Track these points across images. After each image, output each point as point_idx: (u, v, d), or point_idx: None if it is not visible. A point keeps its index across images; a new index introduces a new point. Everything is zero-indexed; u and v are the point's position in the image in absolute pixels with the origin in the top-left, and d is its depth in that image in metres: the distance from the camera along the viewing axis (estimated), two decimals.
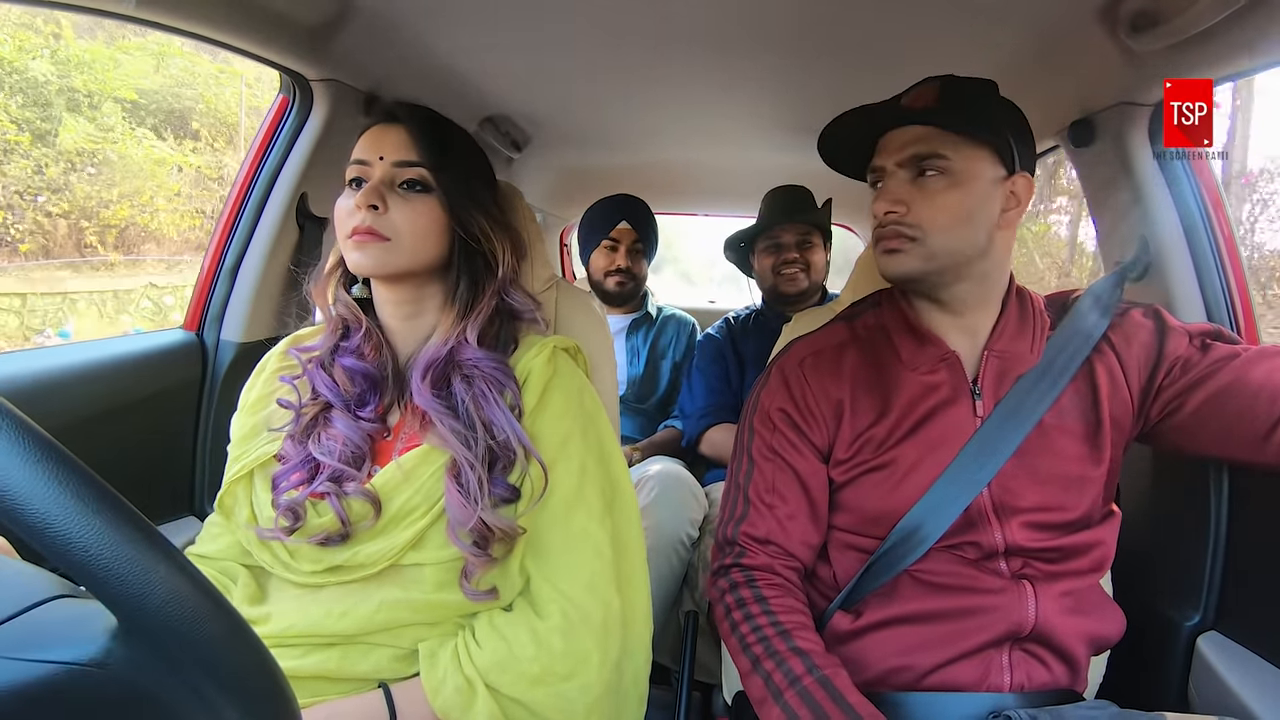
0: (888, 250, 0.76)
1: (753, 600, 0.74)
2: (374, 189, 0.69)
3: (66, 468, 0.30)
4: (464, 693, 0.62)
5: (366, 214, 0.68)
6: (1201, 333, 0.77)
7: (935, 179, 0.74)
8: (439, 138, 0.73)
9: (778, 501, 0.79)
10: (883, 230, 0.77)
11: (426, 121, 0.74)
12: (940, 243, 0.74)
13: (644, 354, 1.80)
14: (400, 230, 0.69)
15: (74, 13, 0.79)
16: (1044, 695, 0.73)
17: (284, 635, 0.65)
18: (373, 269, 0.70)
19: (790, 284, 1.63)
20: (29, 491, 0.28)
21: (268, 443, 0.72)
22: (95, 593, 0.30)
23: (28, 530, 0.28)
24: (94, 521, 0.29)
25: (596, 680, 0.65)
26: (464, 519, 0.64)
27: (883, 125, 0.78)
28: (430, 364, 0.70)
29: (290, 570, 0.67)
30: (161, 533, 0.32)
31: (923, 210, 0.74)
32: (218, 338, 1.14)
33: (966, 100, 0.76)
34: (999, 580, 0.73)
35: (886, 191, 0.76)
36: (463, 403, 0.68)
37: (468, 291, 0.73)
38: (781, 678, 0.67)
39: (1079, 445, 0.75)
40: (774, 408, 0.82)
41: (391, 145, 0.71)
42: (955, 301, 0.78)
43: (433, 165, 0.71)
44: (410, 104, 0.76)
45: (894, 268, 0.76)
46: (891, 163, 0.76)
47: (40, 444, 0.30)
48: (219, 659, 0.31)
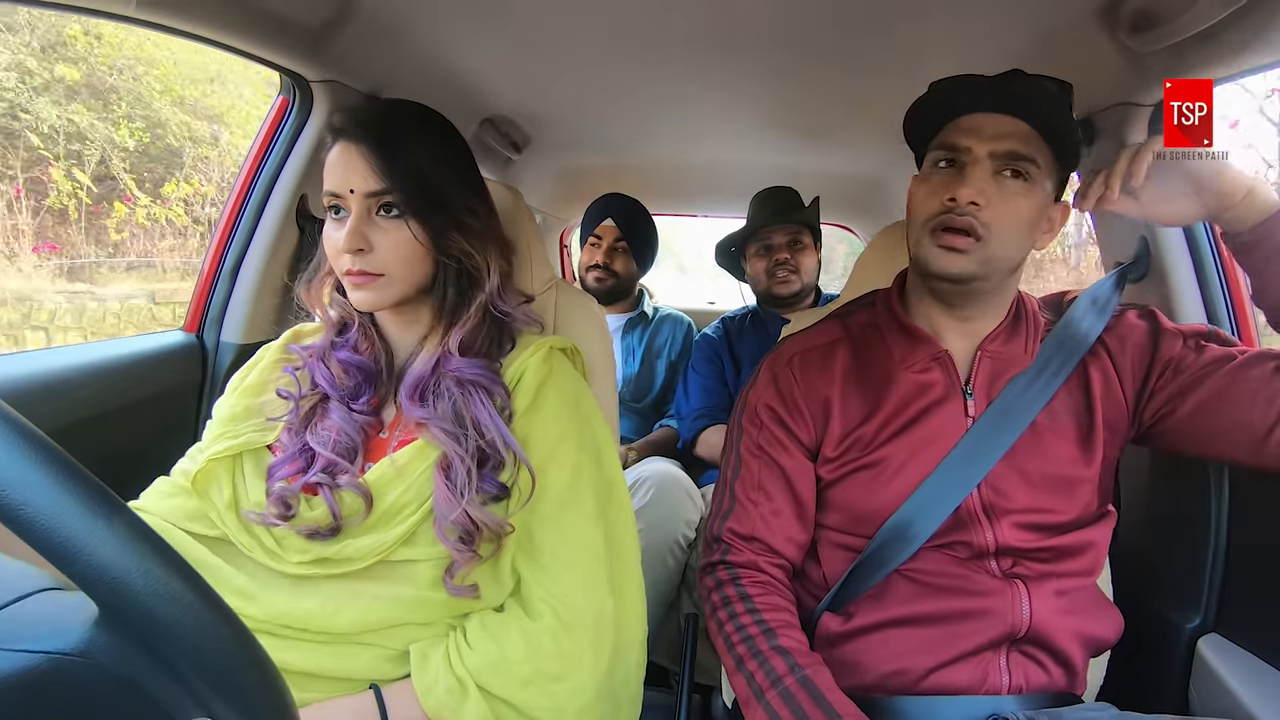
0: (948, 246, 0.71)
1: (737, 598, 0.74)
2: (355, 232, 0.67)
3: (37, 447, 0.30)
4: (455, 694, 0.62)
5: (354, 257, 0.68)
6: (1196, 334, 0.76)
7: (1015, 182, 0.71)
8: (399, 150, 0.69)
9: (763, 498, 0.79)
10: (951, 219, 0.70)
11: (379, 139, 0.68)
12: (1000, 249, 0.71)
13: (639, 353, 1.80)
14: (388, 265, 0.69)
15: (74, 13, 0.79)
16: (1043, 698, 0.72)
17: (273, 623, 0.64)
18: (375, 305, 0.70)
19: (783, 286, 1.63)
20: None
21: (262, 430, 0.72)
22: (66, 573, 0.30)
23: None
24: (62, 499, 0.29)
25: (588, 682, 0.65)
26: (448, 512, 0.64)
27: (987, 104, 0.72)
28: (418, 382, 0.70)
29: (275, 559, 0.66)
30: (135, 512, 0.32)
31: (998, 211, 0.70)
32: (218, 339, 1.14)
33: (1069, 113, 0.73)
34: (991, 580, 0.73)
35: (972, 179, 0.70)
36: (454, 402, 0.69)
37: (454, 305, 0.73)
38: (764, 677, 0.67)
39: (1071, 447, 0.75)
40: (762, 405, 0.82)
41: (358, 175, 0.68)
42: (968, 307, 0.77)
43: (402, 188, 0.68)
44: (361, 115, 0.71)
45: (950, 266, 0.71)
46: (984, 150, 0.71)
47: (7, 421, 0.30)
48: (202, 648, 0.31)
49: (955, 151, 0.73)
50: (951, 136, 0.73)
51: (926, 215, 0.73)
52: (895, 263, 0.95)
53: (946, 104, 0.75)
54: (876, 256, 1.01)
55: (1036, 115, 0.71)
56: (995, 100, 0.72)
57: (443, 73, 1.21)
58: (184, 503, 0.70)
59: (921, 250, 0.74)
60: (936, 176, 0.74)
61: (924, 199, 0.74)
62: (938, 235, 0.72)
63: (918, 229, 0.75)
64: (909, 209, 0.77)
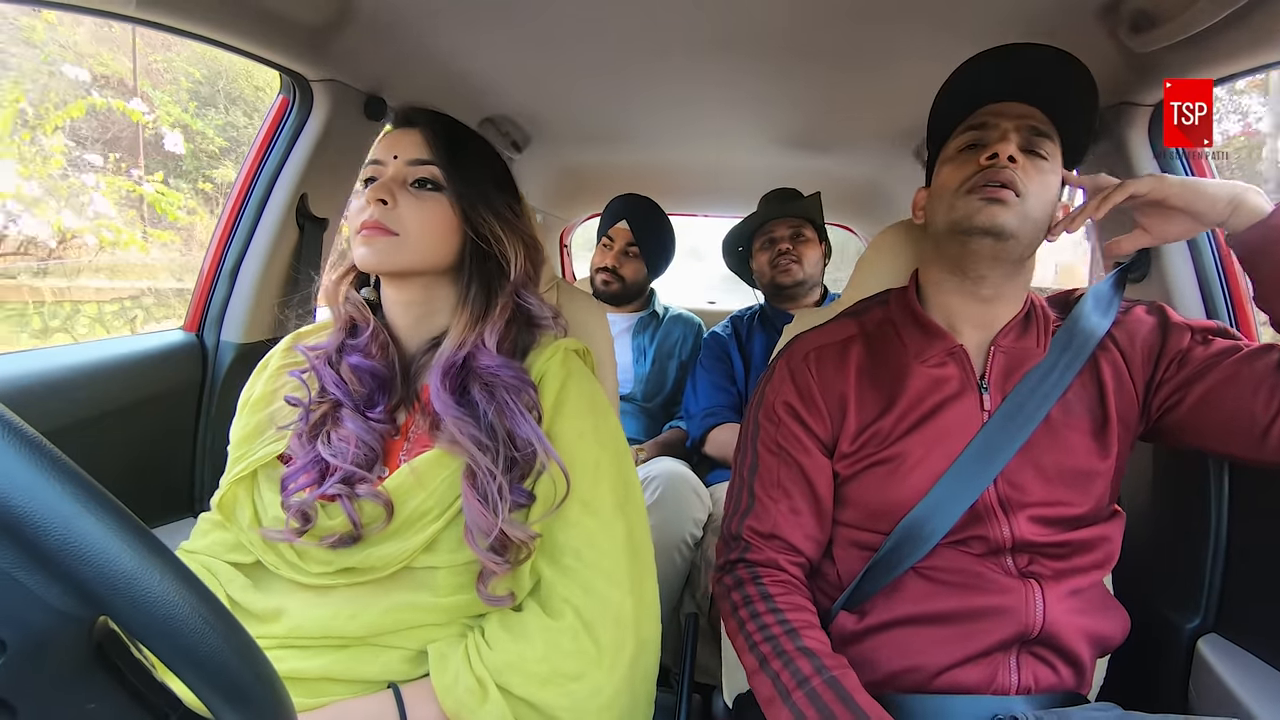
0: (992, 198, 0.73)
1: (759, 598, 0.73)
2: (384, 185, 0.69)
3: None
4: (475, 693, 0.62)
5: (376, 208, 0.69)
6: (1204, 329, 0.77)
7: (1038, 159, 0.74)
8: (453, 139, 0.74)
9: (782, 496, 0.78)
10: (993, 174, 0.73)
11: (442, 125, 0.74)
12: (1034, 210, 0.73)
13: (650, 353, 1.80)
14: (408, 226, 0.69)
15: (74, 13, 0.79)
16: (1050, 698, 0.72)
17: (292, 636, 0.64)
18: (378, 264, 0.70)
19: (785, 274, 1.65)
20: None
21: (273, 441, 0.71)
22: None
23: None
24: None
25: (607, 681, 0.65)
26: (486, 528, 0.63)
27: (1008, 91, 0.77)
28: (448, 369, 0.69)
29: (298, 571, 0.66)
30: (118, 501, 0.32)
31: (1030, 174, 0.73)
32: (218, 338, 1.14)
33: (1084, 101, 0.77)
34: (1006, 579, 0.72)
35: (1007, 141, 0.74)
36: (485, 414, 0.67)
37: (480, 294, 0.72)
38: (789, 678, 0.66)
39: (1086, 440, 0.75)
40: (779, 402, 0.82)
41: (406, 146, 0.72)
42: (992, 284, 0.78)
43: (445, 164, 0.71)
44: (429, 110, 0.77)
45: (992, 217, 0.73)
46: (1011, 124, 0.75)
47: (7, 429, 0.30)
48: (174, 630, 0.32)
49: (984, 130, 0.76)
50: (978, 119, 0.77)
51: (961, 179, 0.76)
52: (897, 262, 0.95)
53: (972, 90, 0.79)
54: (877, 256, 1.01)
55: (1052, 103, 0.75)
56: (1016, 88, 0.76)
57: (443, 72, 1.21)
58: (222, 535, 0.71)
59: (958, 211, 0.75)
60: (968, 153, 0.77)
61: (955, 171, 0.77)
62: (984, 191, 0.73)
63: (950, 195, 0.76)
64: (939, 187, 0.79)
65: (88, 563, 0.30)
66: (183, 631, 0.32)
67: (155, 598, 0.31)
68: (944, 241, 0.78)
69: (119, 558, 0.31)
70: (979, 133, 0.77)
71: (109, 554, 0.31)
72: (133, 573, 0.31)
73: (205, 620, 0.32)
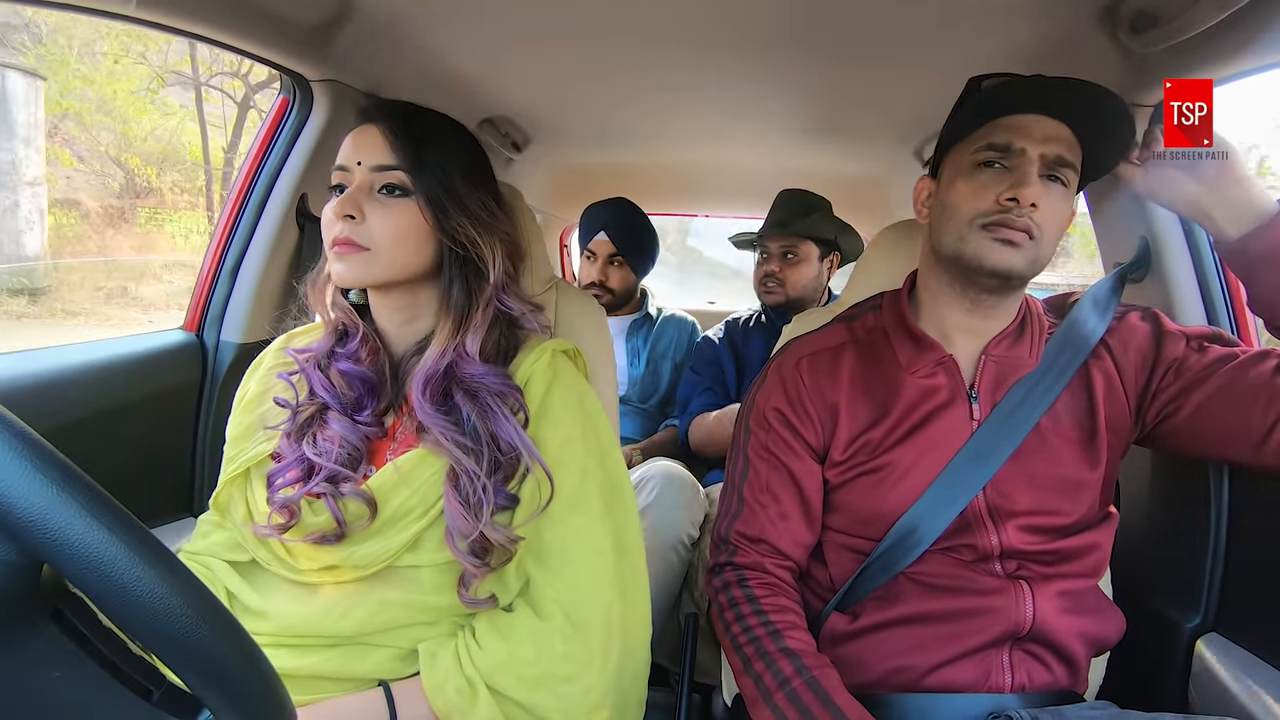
0: (1005, 240, 0.70)
1: (744, 600, 0.74)
2: (350, 198, 0.67)
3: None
4: (465, 694, 0.62)
5: (344, 224, 0.67)
6: (1199, 335, 0.77)
7: (1057, 187, 0.72)
8: (418, 136, 0.70)
9: (770, 501, 0.79)
10: (1011, 219, 0.70)
11: (404, 120, 0.70)
12: (1046, 251, 0.72)
13: (644, 355, 1.80)
14: (378, 239, 0.67)
15: (74, 13, 0.79)
16: (1045, 696, 0.72)
17: (284, 633, 0.65)
18: (354, 280, 0.69)
19: (769, 296, 1.66)
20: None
21: (264, 441, 0.72)
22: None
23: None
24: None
25: (597, 682, 0.65)
26: (466, 530, 0.63)
27: (1038, 106, 0.72)
28: (429, 378, 0.68)
29: (288, 568, 0.67)
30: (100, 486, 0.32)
31: (1047, 214, 0.70)
32: (218, 338, 1.14)
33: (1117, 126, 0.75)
34: (995, 580, 0.73)
35: (1029, 179, 0.70)
36: (468, 418, 0.67)
37: (461, 297, 0.71)
38: (771, 679, 0.67)
39: (1075, 450, 0.75)
40: (769, 408, 0.82)
41: (369, 149, 0.69)
42: (994, 306, 0.77)
43: (410, 167, 0.68)
44: (391, 101, 0.73)
45: (1004, 260, 0.70)
46: (1036, 151, 0.71)
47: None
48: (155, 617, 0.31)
49: (1006, 153, 0.72)
50: (1001, 135, 0.72)
51: (977, 213, 0.72)
52: (897, 262, 0.95)
53: (998, 102, 0.74)
54: (878, 256, 1.01)
55: (1084, 125, 0.71)
56: (1048, 105, 0.72)
57: (443, 72, 1.21)
58: (222, 536, 0.72)
59: (969, 246, 0.72)
60: (985, 175, 0.73)
61: (972, 196, 0.72)
62: (998, 231, 0.71)
63: (962, 225, 0.73)
64: (950, 205, 0.75)
65: (13, 502, 0.29)
66: (120, 573, 0.30)
67: (91, 543, 0.29)
68: (948, 263, 0.76)
69: (44, 495, 0.29)
70: (999, 154, 0.72)
71: (33, 492, 0.29)
72: (62, 510, 0.29)
73: (143, 561, 0.31)
